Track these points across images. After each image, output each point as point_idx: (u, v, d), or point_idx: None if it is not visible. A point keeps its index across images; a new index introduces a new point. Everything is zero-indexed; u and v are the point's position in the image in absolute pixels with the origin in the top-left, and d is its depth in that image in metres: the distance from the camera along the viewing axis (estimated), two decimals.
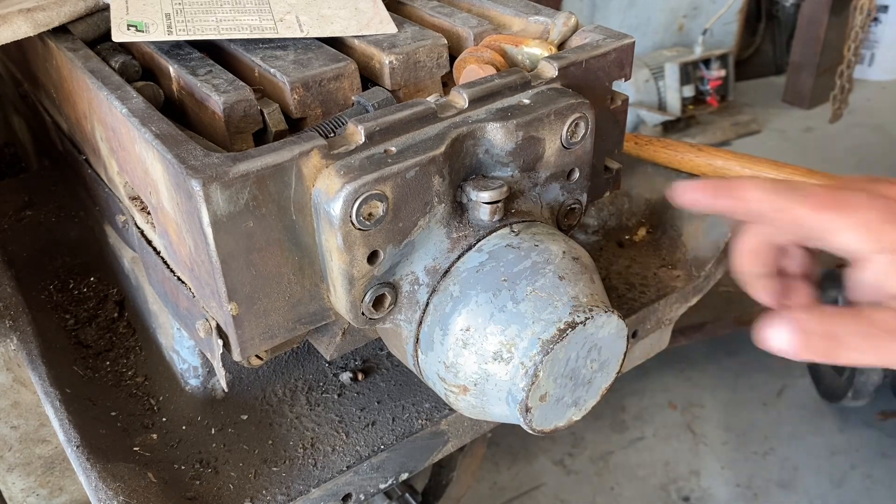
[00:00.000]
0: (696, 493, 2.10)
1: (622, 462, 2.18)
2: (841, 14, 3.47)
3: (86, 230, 0.91)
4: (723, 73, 3.44)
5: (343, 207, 0.49)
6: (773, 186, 0.51)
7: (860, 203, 0.48)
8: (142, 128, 0.53)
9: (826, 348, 0.48)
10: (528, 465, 2.17)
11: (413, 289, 0.55)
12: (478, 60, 0.63)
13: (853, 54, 2.99)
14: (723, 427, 2.29)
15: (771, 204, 0.51)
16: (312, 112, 0.60)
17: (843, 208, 0.49)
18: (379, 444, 0.67)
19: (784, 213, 0.50)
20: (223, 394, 0.71)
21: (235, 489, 0.63)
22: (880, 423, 2.27)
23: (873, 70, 3.95)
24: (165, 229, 0.58)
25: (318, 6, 0.68)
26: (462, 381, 0.54)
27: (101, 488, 0.59)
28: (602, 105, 0.65)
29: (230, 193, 0.47)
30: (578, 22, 0.68)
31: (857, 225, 0.48)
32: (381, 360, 0.75)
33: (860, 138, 3.52)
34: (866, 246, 0.48)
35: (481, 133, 0.55)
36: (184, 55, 0.63)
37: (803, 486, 2.11)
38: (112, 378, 0.74)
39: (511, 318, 0.51)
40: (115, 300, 0.82)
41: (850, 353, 0.48)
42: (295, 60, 0.61)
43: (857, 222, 0.48)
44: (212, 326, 0.55)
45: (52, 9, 0.66)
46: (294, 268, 0.53)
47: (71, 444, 0.62)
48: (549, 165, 0.59)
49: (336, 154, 0.50)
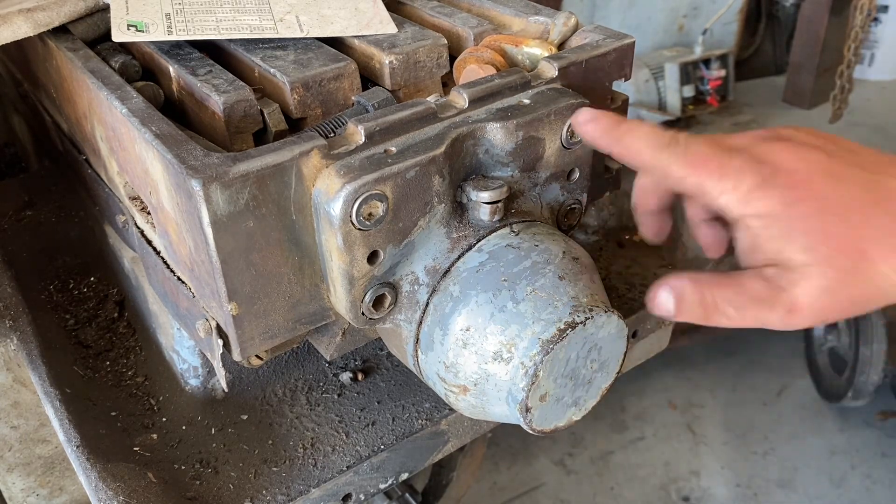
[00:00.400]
0: (696, 493, 2.10)
1: (622, 462, 2.18)
2: (841, 14, 3.46)
3: (86, 230, 0.91)
4: (723, 73, 3.44)
5: (343, 207, 0.49)
6: (656, 140, 0.51)
7: (737, 166, 0.49)
8: (142, 128, 0.53)
9: (701, 314, 0.51)
10: (528, 465, 2.17)
11: (413, 289, 0.55)
12: (478, 60, 0.63)
13: (853, 54, 2.99)
14: (723, 427, 2.29)
15: (652, 159, 0.51)
16: (312, 112, 0.60)
17: (720, 171, 0.49)
18: (379, 444, 0.67)
19: (663, 169, 0.51)
20: (223, 394, 0.71)
21: (235, 489, 0.63)
22: (880, 423, 2.27)
23: (873, 70, 3.94)
24: (165, 229, 0.58)
25: (318, 6, 0.68)
26: (462, 381, 0.54)
27: (101, 488, 0.59)
28: (602, 105, 0.65)
29: (230, 193, 0.47)
30: (578, 22, 0.68)
31: (731, 189, 0.49)
32: (381, 360, 0.75)
33: (860, 138, 3.51)
34: (739, 210, 0.49)
35: (481, 133, 0.55)
36: (184, 55, 0.63)
37: (803, 486, 2.11)
38: (112, 378, 0.74)
39: (511, 318, 0.51)
40: (115, 300, 0.82)
41: (721, 319, 0.50)
42: (295, 60, 0.61)
43: (731, 186, 0.49)
44: (212, 326, 0.55)
45: (52, 9, 0.66)
46: (294, 268, 0.53)
47: (71, 444, 0.62)
48: (549, 165, 0.59)
49: (336, 154, 0.50)
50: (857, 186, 0.49)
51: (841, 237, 0.47)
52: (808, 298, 0.48)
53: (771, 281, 0.49)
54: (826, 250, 0.47)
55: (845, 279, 0.47)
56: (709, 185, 0.49)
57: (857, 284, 0.48)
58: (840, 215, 0.48)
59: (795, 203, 0.48)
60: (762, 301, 0.49)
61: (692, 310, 0.51)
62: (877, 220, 0.48)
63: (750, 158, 0.50)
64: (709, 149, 0.50)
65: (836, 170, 0.49)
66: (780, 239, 0.48)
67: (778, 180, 0.49)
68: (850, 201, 0.48)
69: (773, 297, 0.49)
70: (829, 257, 0.47)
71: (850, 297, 0.48)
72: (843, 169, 0.50)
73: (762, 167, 0.49)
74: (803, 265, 0.48)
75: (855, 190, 0.48)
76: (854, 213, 0.48)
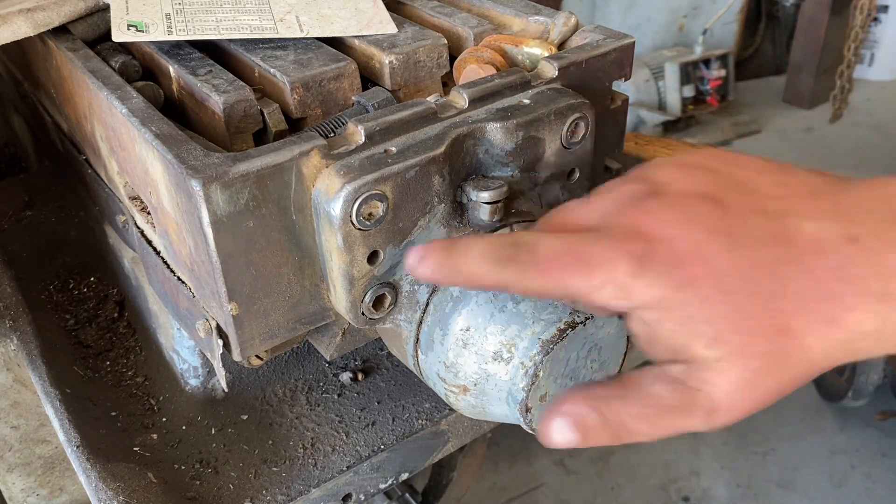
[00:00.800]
0: (696, 493, 2.10)
1: (622, 462, 2.18)
2: (841, 14, 3.47)
3: (86, 230, 0.91)
4: (723, 73, 3.44)
5: (343, 207, 0.49)
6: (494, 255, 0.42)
7: (602, 256, 0.40)
8: (142, 128, 0.53)
9: (611, 436, 0.42)
10: (528, 465, 2.17)
11: (413, 289, 0.55)
12: (478, 60, 0.63)
13: (853, 54, 2.99)
14: (723, 427, 2.29)
15: (497, 280, 0.42)
16: (312, 112, 0.60)
17: (582, 267, 0.40)
18: (379, 444, 0.67)
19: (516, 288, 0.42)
20: (223, 394, 0.71)
21: (235, 489, 0.63)
22: (880, 423, 2.27)
23: (873, 70, 3.94)
24: (165, 229, 0.58)
25: (318, 6, 0.68)
26: (462, 381, 0.54)
27: (101, 488, 0.59)
28: (602, 105, 0.65)
29: (230, 193, 0.47)
30: (578, 22, 0.68)
31: (603, 284, 0.40)
32: (381, 360, 0.75)
33: (860, 138, 3.52)
34: (621, 306, 0.40)
35: (481, 133, 0.55)
36: (184, 55, 0.63)
37: (803, 486, 2.11)
38: (112, 378, 0.74)
39: (511, 317, 0.51)
40: (115, 300, 0.82)
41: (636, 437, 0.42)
42: (295, 60, 0.61)
43: (601, 281, 0.40)
44: (212, 326, 0.55)
45: (52, 9, 0.66)
46: (294, 268, 0.53)
47: (71, 444, 0.62)
48: (549, 165, 0.59)
49: (336, 154, 0.50)
50: (761, 244, 0.39)
51: (753, 317, 0.38)
52: (728, 397, 0.40)
53: (680, 382, 0.40)
54: (738, 338, 0.38)
55: (768, 366, 0.39)
56: (575, 288, 0.40)
57: (783, 368, 0.39)
58: (747, 290, 0.38)
59: (687, 284, 0.39)
60: (675, 409, 0.41)
61: (599, 436, 0.42)
62: (794, 283, 0.38)
63: (615, 238, 0.40)
64: (561, 242, 0.41)
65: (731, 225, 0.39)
66: (680, 333, 0.39)
67: (658, 258, 0.39)
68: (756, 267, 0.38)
69: (687, 402, 0.40)
70: (743, 346, 0.38)
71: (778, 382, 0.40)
72: (741, 222, 0.39)
73: (633, 245, 0.40)
74: (714, 361, 0.39)
75: (761, 250, 0.39)
76: (764, 282, 0.38)
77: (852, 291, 0.37)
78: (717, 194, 0.41)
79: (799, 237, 0.39)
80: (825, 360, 0.39)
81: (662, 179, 0.43)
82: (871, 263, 0.37)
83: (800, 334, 0.38)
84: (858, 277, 0.37)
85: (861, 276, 0.37)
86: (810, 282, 0.38)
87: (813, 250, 0.38)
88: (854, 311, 0.37)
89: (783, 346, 0.38)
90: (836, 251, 0.38)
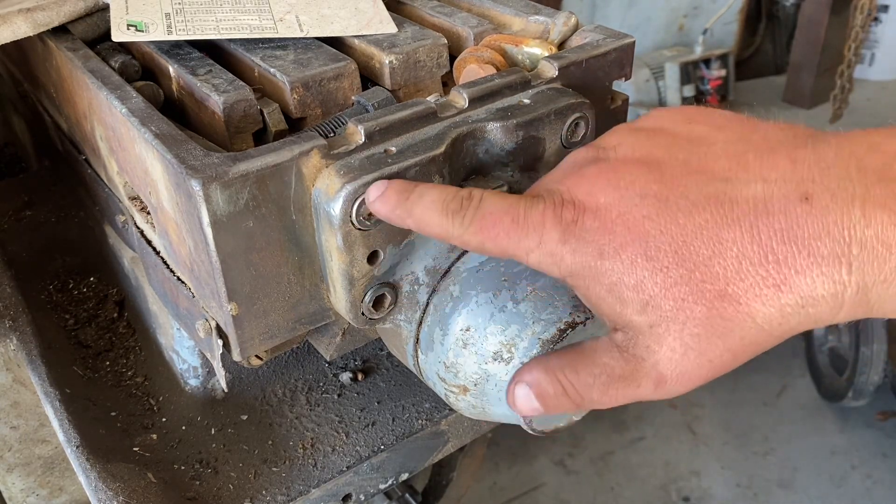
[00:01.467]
0: (696, 493, 2.10)
1: (622, 462, 2.18)
2: (841, 14, 3.47)
3: (86, 230, 0.91)
4: (723, 72, 3.44)
5: (343, 207, 0.49)
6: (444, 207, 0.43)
7: (536, 219, 0.40)
8: (142, 128, 0.53)
9: (571, 403, 0.43)
10: (529, 466, 2.17)
11: (413, 289, 0.55)
12: (478, 60, 0.63)
13: (854, 54, 2.99)
14: (723, 427, 2.29)
15: (441, 230, 0.43)
16: (312, 112, 0.60)
17: (517, 228, 0.41)
18: (379, 444, 0.67)
19: (458, 241, 0.43)
20: (223, 394, 0.71)
21: (235, 489, 0.63)
22: (880, 423, 2.27)
23: (874, 70, 3.94)
24: (165, 229, 0.58)
25: (318, 6, 0.68)
26: (462, 381, 0.53)
27: (101, 488, 0.59)
28: (602, 105, 0.65)
29: (230, 193, 0.47)
30: (578, 22, 0.68)
31: (536, 247, 0.40)
32: (381, 360, 0.75)
33: None
34: (553, 270, 0.41)
35: (481, 133, 0.55)
36: (184, 55, 0.63)
37: (803, 486, 2.11)
38: (112, 378, 0.74)
39: (511, 318, 0.51)
40: (115, 300, 0.82)
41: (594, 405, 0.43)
42: (295, 60, 0.61)
43: (535, 243, 0.40)
44: (212, 326, 0.55)
45: (51, 9, 0.66)
46: (294, 268, 0.53)
47: (71, 444, 0.62)
48: (549, 165, 0.59)
49: (336, 154, 0.50)
50: (696, 207, 0.37)
51: (685, 282, 0.37)
52: (671, 365, 0.39)
53: (625, 350, 0.40)
54: (670, 304, 0.37)
55: (709, 331, 0.37)
56: (511, 249, 0.41)
57: (728, 334, 0.37)
58: (678, 254, 0.37)
59: (615, 251, 0.38)
60: (623, 378, 0.40)
61: (560, 402, 0.43)
62: (734, 246, 0.36)
63: (551, 204, 0.40)
64: (504, 202, 0.41)
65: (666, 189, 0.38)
66: (609, 299, 0.39)
67: (585, 226, 0.39)
68: (689, 231, 0.37)
69: (633, 370, 0.40)
70: (676, 311, 0.37)
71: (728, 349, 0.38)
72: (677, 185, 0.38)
73: (565, 212, 0.40)
74: (648, 327, 0.38)
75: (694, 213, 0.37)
76: (698, 246, 0.37)
77: (801, 253, 0.35)
78: (659, 157, 0.40)
79: (742, 198, 0.37)
80: (780, 327, 0.37)
81: (609, 144, 0.43)
82: (823, 224, 0.35)
83: (741, 299, 0.36)
84: (808, 238, 0.35)
85: (811, 236, 0.35)
86: (752, 244, 0.36)
87: (757, 211, 0.36)
88: (803, 274, 0.35)
89: (723, 310, 0.37)
90: (784, 211, 0.36)
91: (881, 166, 0.35)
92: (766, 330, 0.37)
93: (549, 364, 0.44)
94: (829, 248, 0.35)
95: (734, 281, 0.36)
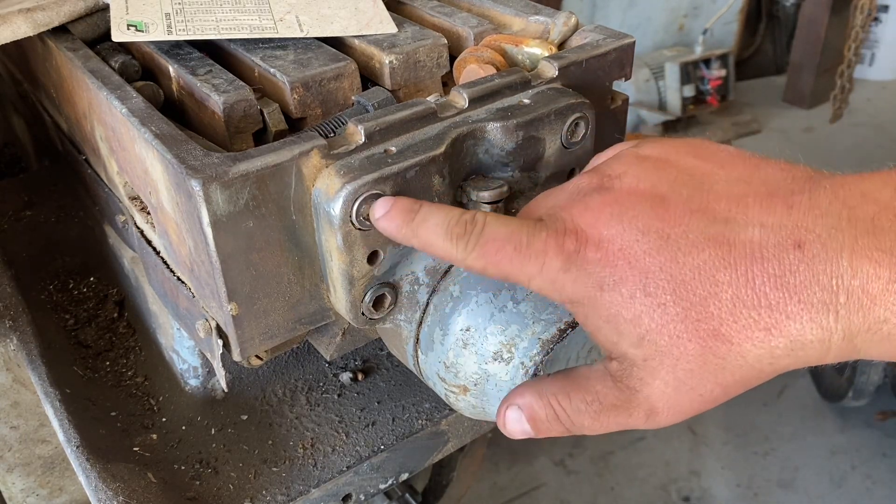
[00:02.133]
0: (696, 493, 2.10)
1: (622, 462, 2.18)
2: (841, 14, 3.47)
3: (86, 230, 0.91)
4: (723, 72, 3.44)
5: (343, 207, 0.49)
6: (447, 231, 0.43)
7: (538, 247, 0.41)
8: (142, 128, 0.53)
9: (562, 428, 0.44)
10: (529, 466, 2.17)
11: (413, 289, 0.55)
12: (478, 60, 0.63)
13: (853, 54, 2.99)
14: (723, 427, 2.29)
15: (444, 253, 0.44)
16: (312, 112, 0.60)
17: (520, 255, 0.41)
18: (379, 444, 0.67)
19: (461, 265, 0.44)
20: (223, 394, 0.71)
21: (235, 489, 0.63)
22: (880, 423, 2.27)
23: (874, 70, 3.95)
24: (165, 229, 0.58)
25: (318, 6, 0.68)
26: (462, 381, 0.53)
27: (101, 488, 0.59)
28: (602, 105, 0.65)
29: (230, 193, 0.47)
30: (578, 22, 0.68)
31: (537, 274, 0.41)
32: (381, 360, 0.75)
33: (861, 138, 3.52)
34: (554, 297, 0.42)
35: (481, 133, 0.55)
36: (184, 55, 0.63)
37: (803, 486, 2.11)
38: (112, 378, 0.74)
39: (511, 318, 0.51)
40: (115, 300, 0.82)
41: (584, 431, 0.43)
42: (295, 60, 0.61)
43: (536, 270, 0.41)
44: (212, 326, 0.55)
45: (52, 9, 0.66)
46: (294, 268, 0.53)
47: (71, 444, 0.62)
48: (549, 165, 0.59)
49: (336, 154, 0.50)
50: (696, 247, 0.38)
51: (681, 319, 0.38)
52: (663, 398, 0.40)
53: (619, 380, 0.41)
54: (665, 339, 0.38)
55: (701, 368, 0.38)
56: (514, 274, 0.42)
57: (719, 371, 0.38)
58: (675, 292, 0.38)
59: (615, 285, 0.39)
60: (615, 407, 0.41)
61: (551, 427, 0.44)
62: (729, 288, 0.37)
63: (554, 231, 0.41)
64: (506, 229, 0.42)
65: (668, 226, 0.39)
66: (607, 330, 0.40)
67: (587, 257, 0.40)
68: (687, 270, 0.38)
69: (626, 400, 0.41)
70: (670, 347, 0.38)
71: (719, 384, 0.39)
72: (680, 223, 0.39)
73: (568, 241, 0.40)
74: (643, 360, 0.39)
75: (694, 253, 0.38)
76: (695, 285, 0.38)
77: (792, 299, 0.36)
78: (663, 192, 0.40)
79: (739, 241, 0.37)
80: (771, 366, 0.38)
81: (615, 172, 0.43)
82: (814, 272, 0.36)
83: (734, 339, 0.37)
84: (799, 285, 0.36)
85: (802, 283, 0.36)
86: (746, 288, 0.37)
87: (752, 256, 0.37)
88: (793, 319, 0.36)
89: (715, 349, 0.38)
90: (778, 258, 0.37)
91: (871, 216, 0.36)
92: (756, 368, 0.38)
93: (541, 388, 0.45)
94: (819, 295, 0.36)
95: (728, 322, 0.37)
